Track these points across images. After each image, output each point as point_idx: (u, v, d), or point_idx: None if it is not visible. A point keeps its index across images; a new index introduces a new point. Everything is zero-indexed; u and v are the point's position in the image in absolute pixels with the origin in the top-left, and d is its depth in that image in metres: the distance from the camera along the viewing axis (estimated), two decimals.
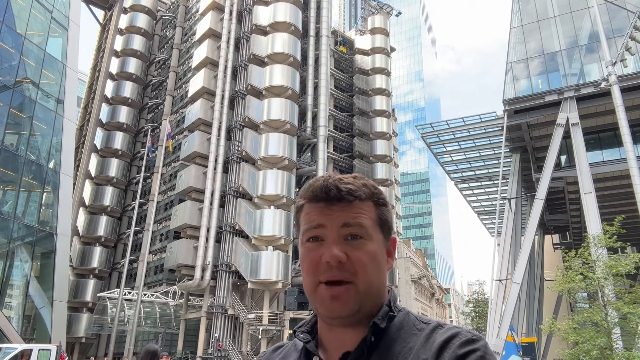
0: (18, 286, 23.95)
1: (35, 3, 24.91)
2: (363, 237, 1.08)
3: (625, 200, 30.06)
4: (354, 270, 1.05)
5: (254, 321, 35.08)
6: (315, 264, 1.07)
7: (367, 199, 1.12)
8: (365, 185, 1.14)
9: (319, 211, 1.10)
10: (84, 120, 61.26)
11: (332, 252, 1.05)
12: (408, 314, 1.13)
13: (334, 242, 1.07)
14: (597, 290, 18.91)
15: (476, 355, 0.97)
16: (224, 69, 43.06)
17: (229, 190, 39.58)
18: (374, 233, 1.10)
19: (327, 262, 1.05)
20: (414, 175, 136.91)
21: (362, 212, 1.10)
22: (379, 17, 55.96)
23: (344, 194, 1.09)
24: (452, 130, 35.61)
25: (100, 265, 47.89)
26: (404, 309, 1.15)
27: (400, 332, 1.07)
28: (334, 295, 1.04)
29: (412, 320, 1.11)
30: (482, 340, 1.00)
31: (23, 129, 24.21)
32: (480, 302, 61.15)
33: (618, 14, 28.41)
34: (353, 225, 1.07)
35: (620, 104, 22.76)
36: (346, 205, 1.09)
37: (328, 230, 1.08)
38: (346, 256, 1.05)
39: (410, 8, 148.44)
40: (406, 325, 1.09)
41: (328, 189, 1.10)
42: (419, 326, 1.08)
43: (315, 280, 1.07)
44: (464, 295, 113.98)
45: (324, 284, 1.05)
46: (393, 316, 1.10)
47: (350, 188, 1.11)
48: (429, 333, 1.05)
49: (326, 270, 1.05)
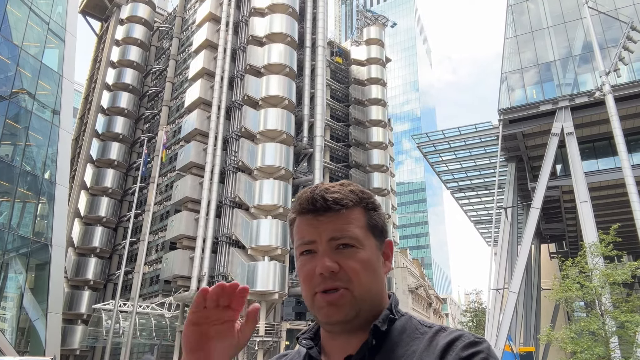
0: (12, 298, 23.72)
1: (32, 14, 24.98)
2: (354, 246, 1.08)
3: (621, 209, 30.17)
4: (347, 278, 1.05)
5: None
6: (310, 277, 1.08)
7: (355, 205, 1.12)
8: (352, 192, 1.13)
9: (308, 224, 1.11)
10: (79, 131, 61.16)
11: (324, 264, 1.05)
12: (410, 318, 1.13)
13: (325, 254, 1.07)
14: (594, 299, 18.93)
15: (479, 357, 0.97)
16: (221, 80, 43.19)
17: (225, 200, 39.49)
18: (366, 239, 1.10)
19: (320, 274, 1.06)
20: (410, 184, 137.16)
21: (350, 220, 1.10)
22: (374, 28, 56.38)
23: (331, 204, 1.09)
24: (448, 139, 35.78)
25: (95, 277, 47.52)
26: (407, 313, 1.15)
27: (403, 335, 1.08)
28: (330, 301, 1.05)
29: (415, 324, 1.11)
30: (485, 343, 1.00)
31: (19, 140, 24.16)
32: (478, 311, 60.97)
33: (611, 25, 28.75)
34: (342, 237, 1.08)
35: (615, 113, 22.94)
36: (334, 215, 1.09)
37: (319, 244, 1.09)
38: (338, 266, 1.06)
39: (406, 19, 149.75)
40: (408, 328, 1.09)
41: (315, 200, 1.10)
42: (421, 330, 1.09)
43: (312, 292, 1.08)
44: (461, 304, 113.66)
45: (320, 293, 1.06)
46: (394, 319, 1.10)
47: (337, 197, 1.10)
48: (432, 336, 1.05)
49: (320, 281, 1.06)
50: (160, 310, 40.40)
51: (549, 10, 32.37)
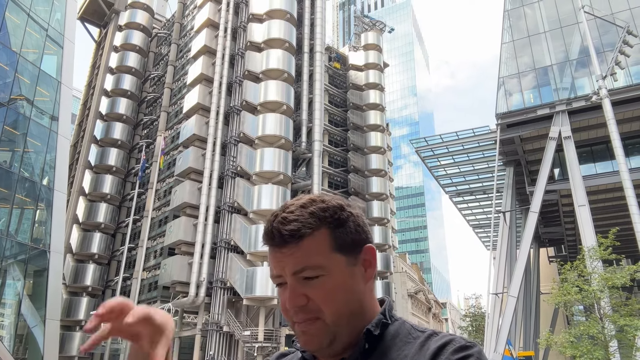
0: (10, 305, 23.62)
1: (31, 21, 25.03)
2: (319, 275, 1.05)
3: (619, 213, 30.21)
4: (317, 308, 1.04)
5: (250, 338, 34.70)
6: (284, 309, 1.08)
7: (317, 228, 1.06)
8: (312, 214, 1.07)
9: (273, 258, 1.09)
10: (78, 137, 61.15)
11: (291, 301, 1.05)
12: (404, 322, 1.13)
13: (292, 288, 1.05)
14: (593, 303, 18.92)
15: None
16: (219, 85, 43.26)
17: (223, 205, 39.45)
18: (332, 263, 1.06)
19: (291, 308, 1.06)
20: (409, 189, 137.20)
21: (310, 250, 1.05)
22: (372, 34, 56.60)
23: (286, 238, 1.05)
24: (446, 144, 35.84)
25: (93, 283, 47.36)
26: (400, 318, 1.14)
27: (395, 340, 1.07)
28: (303, 331, 1.05)
29: (408, 328, 1.10)
30: (476, 347, 1.00)
31: (17, 146, 24.14)
32: (477, 316, 60.89)
33: (607, 29, 28.90)
34: (305, 269, 1.05)
35: (612, 117, 23.04)
36: (294, 247, 1.05)
37: (285, 277, 1.07)
38: (306, 298, 1.05)
39: (403, 24, 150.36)
40: (401, 333, 1.09)
41: (272, 235, 1.07)
42: (414, 334, 1.08)
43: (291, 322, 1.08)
44: (461, 309, 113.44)
45: (296, 323, 1.07)
46: (386, 323, 1.09)
47: (292, 229, 1.05)
48: (424, 341, 1.05)
49: (294, 314, 1.06)
50: None
51: (546, 15, 32.55)
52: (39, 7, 25.74)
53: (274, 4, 43.81)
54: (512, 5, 34.06)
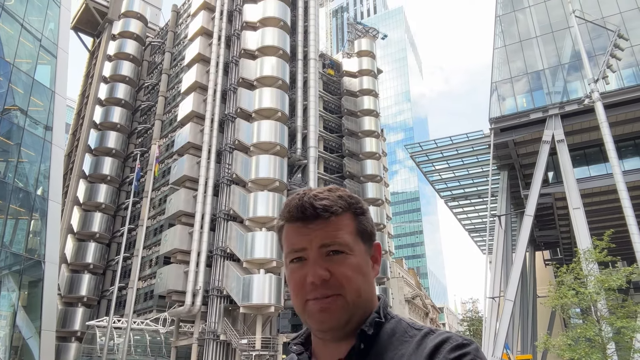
0: (5, 316, 23.40)
1: (24, 31, 25.00)
2: (344, 252, 1.09)
3: (614, 215, 30.37)
4: (339, 284, 1.06)
5: (247, 347, 34.49)
6: (300, 285, 1.08)
7: (344, 211, 1.12)
8: (341, 198, 1.14)
9: (298, 232, 1.11)
10: (72, 147, 60.95)
11: (315, 272, 1.06)
12: (400, 320, 1.12)
13: (315, 261, 1.08)
14: (589, 305, 18.94)
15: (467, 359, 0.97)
16: (213, 93, 43.30)
17: (219, 213, 39.34)
18: (355, 245, 1.11)
19: (311, 282, 1.06)
20: (405, 194, 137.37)
21: (340, 227, 1.10)
22: (365, 40, 56.89)
23: (320, 212, 1.09)
24: (440, 149, 35.97)
25: (88, 293, 47.04)
26: (397, 316, 1.14)
27: (392, 339, 1.07)
28: (323, 307, 1.05)
29: (404, 327, 1.10)
30: (473, 345, 1.00)
31: (11, 156, 24.02)
32: (475, 320, 60.88)
33: (599, 33, 29.18)
34: (333, 244, 1.08)
35: (604, 120, 23.22)
36: (323, 222, 1.09)
37: (309, 251, 1.09)
38: (329, 273, 1.06)
39: (396, 31, 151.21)
40: (398, 332, 1.09)
41: (304, 208, 1.10)
42: (410, 333, 1.08)
43: (302, 300, 1.08)
44: (458, 313, 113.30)
45: (312, 300, 1.06)
46: (380, 322, 1.09)
47: (325, 204, 1.10)
48: (420, 339, 1.05)
49: (312, 289, 1.06)
50: (155, 326, 39.99)
51: (537, 20, 32.84)
52: (32, 17, 25.73)
53: (267, 12, 43.98)
54: (503, 11, 34.36)
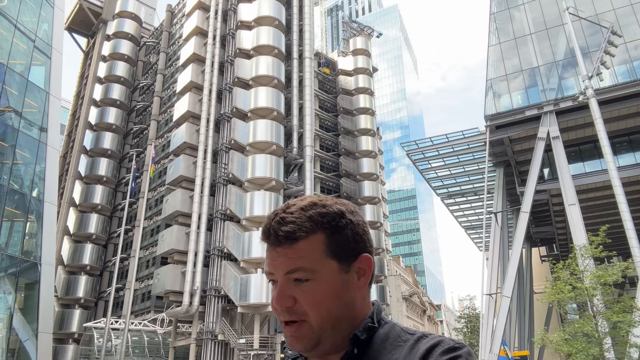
0: (2, 319, 23.30)
1: (17, 32, 24.87)
2: (309, 279, 1.08)
3: (609, 211, 30.53)
4: (303, 310, 1.07)
5: (245, 346, 34.50)
6: (274, 307, 1.10)
7: (313, 232, 1.09)
8: (310, 218, 1.10)
9: (268, 255, 1.12)
10: (67, 148, 60.71)
11: (279, 300, 1.08)
12: (394, 326, 1.13)
13: (281, 288, 1.09)
14: (586, 300, 19.05)
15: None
16: (209, 93, 43.21)
17: (216, 213, 39.29)
18: (323, 267, 1.08)
19: (275, 309, 1.09)
20: (401, 192, 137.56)
21: (304, 253, 1.08)
22: (360, 39, 56.90)
23: (281, 239, 1.08)
24: (436, 146, 36.04)
25: (85, 295, 46.90)
26: (391, 321, 1.15)
27: (385, 344, 1.08)
28: (289, 334, 1.08)
29: (398, 331, 1.11)
30: (465, 348, 1.01)
31: (6, 158, 23.91)
32: (472, 317, 61.04)
33: (592, 30, 29.30)
34: (296, 271, 1.08)
35: (599, 116, 23.31)
36: (288, 248, 1.08)
37: (276, 276, 1.10)
38: (294, 299, 1.07)
39: (391, 29, 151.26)
40: (392, 336, 1.09)
41: (269, 234, 1.11)
42: (404, 337, 1.08)
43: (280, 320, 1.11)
44: (455, 311, 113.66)
45: (283, 323, 1.09)
46: (373, 327, 1.10)
47: (289, 230, 1.08)
48: (414, 343, 1.05)
49: (280, 313, 1.09)
50: (152, 327, 39.94)
51: (532, 17, 32.93)
52: (25, 17, 25.59)
53: (262, 11, 43.91)
54: (498, 8, 34.43)
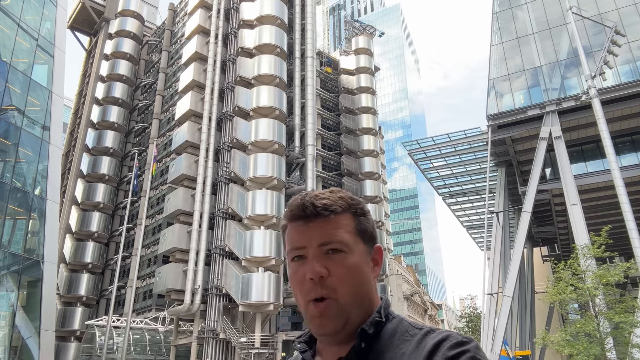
0: (4, 317, 23.39)
1: (20, 31, 24.92)
2: (343, 251, 1.11)
3: (611, 211, 30.47)
4: (333, 285, 1.08)
5: (246, 345, 34.55)
6: (300, 283, 1.11)
7: (345, 211, 1.15)
8: (341, 198, 1.17)
9: (299, 230, 1.14)
10: (69, 146, 60.81)
11: (314, 269, 1.09)
12: (402, 320, 1.14)
13: (314, 258, 1.11)
14: (588, 300, 19.03)
15: (467, 356, 0.98)
16: (211, 92, 43.23)
17: (217, 212, 39.34)
18: (355, 244, 1.13)
19: (310, 279, 1.09)
20: (403, 191, 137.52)
21: (339, 226, 1.13)
22: (362, 38, 56.87)
23: (320, 210, 1.13)
24: (438, 146, 36.01)
25: (87, 293, 47.01)
26: (398, 316, 1.16)
27: (393, 338, 1.09)
28: (320, 313, 1.08)
29: (406, 326, 1.12)
30: (472, 342, 1.01)
31: (8, 156, 23.97)
32: (473, 316, 61.04)
33: (596, 29, 29.22)
34: (331, 242, 1.11)
35: (601, 116, 23.26)
36: (323, 221, 1.13)
37: (309, 249, 1.12)
38: (327, 271, 1.09)
39: (393, 28, 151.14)
40: (399, 331, 1.11)
41: (305, 207, 1.14)
42: (411, 332, 1.10)
43: (305, 300, 1.11)
44: (457, 310, 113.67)
45: (312, 302, 1.09)
46: (380, 321, 1.11)
47: (326, 203, 1.14)
48: (421, 338, 1.07)
49: (311, 288, 1.09)
50: (154, 325, 40.02)
51: (534, 16, 32.86)
52: (28, 16, 25.64)
53: (264, 10, 43.91)
54: (500, 8, 34.36)
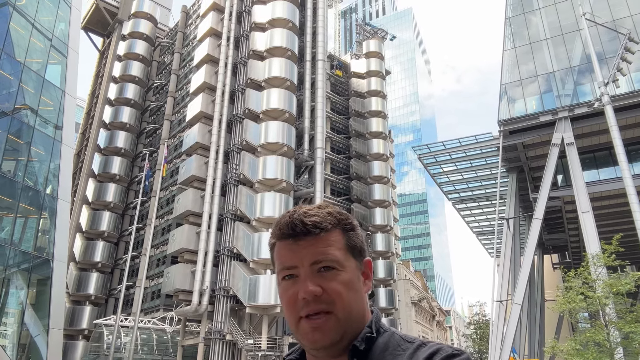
0: (13, 314, 23.61)
1: (35, 31, 25.23)
2: (335, 268, 1.09)
3: (623, 219, 30.06)
4: (330, 300, 1.07)
5: (253, 347, 34.55)
6: (293, 302, 1.09)
7: (334, 227, 1.14)
8: (330, 214, 1.15)
9: (289, 249, 1.12)
10: (81, 146, 61.42)
11: (307, 289, 1.07)
12: (393, 334, 1.13)
13: (307, 277, 1.08)
14: (598, 309, 18.78)
15: None
16: (222, 94, 43.45)
17: (226, 213, 39.46)
18: (346, 261, 1.12)
19: (303, 299, 1.07)
20: (412, 196, 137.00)
21: (330, 243, 1.11)
22: (373, 42, 56.85)
23: (310, 228, 1.11)
24: (449, 151, 35.82)
25: (96, 292, 47.34)
26: (390, 329, 1.15)
27: (385, 353, 1.07)
28: (315, 327, 1.06)
29: (397, 340, 1.10)
30: (463, 355, 1.00)
31: (21, 155, 24.25)
32: (482, 323, 60.54)
33: (609, 36, 28.94)
34: (323, 261, 1.09)
35: (614, 123, 22.98)
36: (314, 238, 1.11)
37: (300, 269, 1.10)
38: (321, 289, 1.07)
39: (405, 32, 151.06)
40: (391, 345, 1.09)
41: (294, 225, 1.12)
42: (403, 346, 1.08)
43: (296, 317, 1.08)
44: (465, 317, 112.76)
45: (304, 318, 1.07)
46: (371, 337, 1.09)
47: (315, 220, 1.12)
48: (413, 352, 1.05)
49: (304, 306, 1.07)
50: (161, 325, 40.17)
51: (547, 22, 32.63)
52: (43, 17, 25.96)
53: (276, 13, 44.08)
54: (513, 13, 34.17)
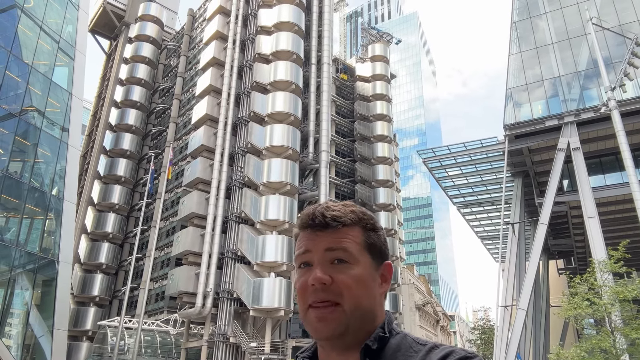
0: (18, 314, 23.70)
1: (42, 33, 25.42)
2: (348, 261, 1.11)
3: (630, 225, 29.88)
4: (338, 291, 1.08)
5: (256, 350, 34.51)
6: (304, 288, 1.11)
7: (354, 224, 1.15)
8: (353, 212, 1.18)
9: (307, 237, 1.15)
10: (87, 148, 61.73)
11: (316, 275, 1.09)
12: (405, 336, 1.13)
13: (318, 264, 1.11)
14: (604, 316, 18.64)
15: None
16: (227, 97, 43.59)
17: (231, 216, 39.51)
18: (361, 257, 1.13)
19: (312, 285, 1.09)
20: (417, 200, 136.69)
21: (346, 236, 1.13)
22: (379, 45, 56.91)
23: (328, 220, 1.14)
24: (454, 155, 35.75)
25: (101, 293, 47.47)
26: (402, 331, 1.15)
27: (397, 354, 1.08)
28: (320, 316, 1.07)
29: (409, 342, 1.11)
30: (476, 357, 1.00)
31: (27, 157, 24.40)
32: (486, 329, 60.21)
33: (616, 40, 28.83)
34: (336, 249, 1.11)
35: (621, 128, 22.86)
36: (332, 231, 1.14)
37: (314, 255, 1.12)
38: (331, 279, 1.08)
39: (411, 36, 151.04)
40: (403, 347, 1.10)
41: (314, 216, 1.15)
42: (415, 348, 1.09)
43: (305, 304, 1.10)
44: (469, 322, 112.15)
45: (312, 308, 1.09)
46: (384, 337, 1.10)
47: (336, 215, 1.15)
48: (425, 354, 1.06)
49: (312, 293, 1.09)
50: (165, 327, 40.19)
51: (554, 26, 32.55)
52: (50, 19, 26.15)
53: (282, 17, 44.22)
54: (519, 17, 34.11)
